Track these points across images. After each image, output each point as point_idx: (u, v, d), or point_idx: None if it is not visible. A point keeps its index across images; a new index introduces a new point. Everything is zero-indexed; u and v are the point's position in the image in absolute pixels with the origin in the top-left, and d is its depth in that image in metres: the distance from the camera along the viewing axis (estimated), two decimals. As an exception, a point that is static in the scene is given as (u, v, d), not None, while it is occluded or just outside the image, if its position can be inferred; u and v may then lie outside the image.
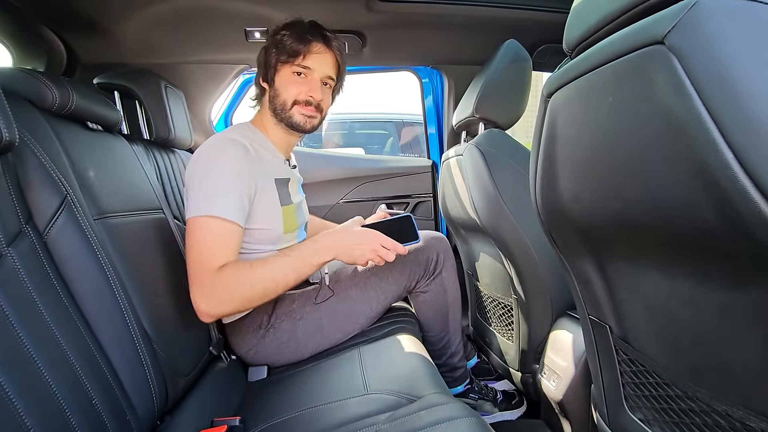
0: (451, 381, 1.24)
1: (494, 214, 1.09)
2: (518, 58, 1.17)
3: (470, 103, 1.20)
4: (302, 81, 0.97)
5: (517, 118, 1.21)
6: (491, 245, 1.21)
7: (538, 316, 1.09)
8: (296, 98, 0.97)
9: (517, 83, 1.18)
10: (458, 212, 1.33)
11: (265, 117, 1.03)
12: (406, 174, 1.89)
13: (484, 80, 1.15)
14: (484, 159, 1.09)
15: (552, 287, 1.06)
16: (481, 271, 1.39)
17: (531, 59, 1.19)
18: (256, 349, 1.02)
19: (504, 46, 1.18)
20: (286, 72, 0.97)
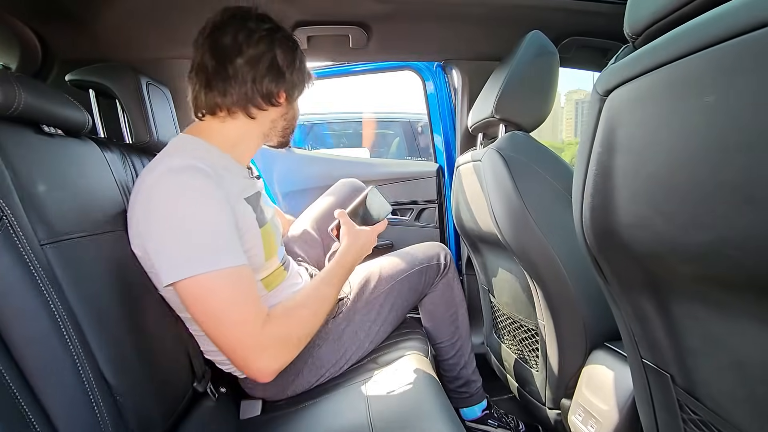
0: (468, 398, 1.16)
1: (518, 228, 0.95)
2: (544, 51, 1.04)
3: (489, 102, 1.06)
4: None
5: (542, 119, 1.07)
6: (513, 262, 1.07)
7: (570, 346, 0.95)
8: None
9: (544, 80, 1.04)
10: (474, 224, 1.19)
11: (239, 130, 0.83)
12: (410, 179, 1.78)
13: (505, 76, 1.02)
14: (507, 166, 0.95)
15: (587, 313, 0.92)
16: (498, 288, 1.25)
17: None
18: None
19: (528, 38, 1.04)
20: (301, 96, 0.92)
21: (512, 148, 0.98)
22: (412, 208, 1.84)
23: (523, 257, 0.97)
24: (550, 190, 0.95)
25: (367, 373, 0.96)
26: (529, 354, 1.12)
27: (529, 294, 1.04)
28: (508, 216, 0.96)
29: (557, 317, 0.95)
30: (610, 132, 0.50)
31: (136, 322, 0.70)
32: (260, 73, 0.79)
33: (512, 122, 1.05)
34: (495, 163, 0.98)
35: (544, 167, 0.96)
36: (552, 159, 0.99)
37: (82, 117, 0.77)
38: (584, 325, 0.93)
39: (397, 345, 1.05)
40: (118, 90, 0.98)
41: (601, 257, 0.60)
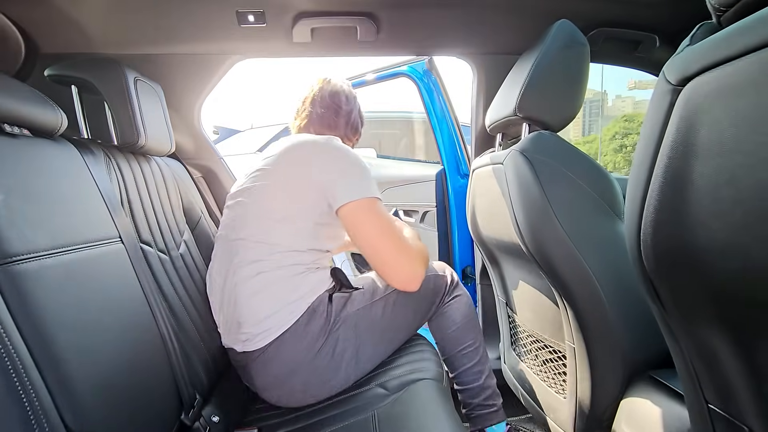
0: (492, 412, 1.06)
1: (546, 239, 0.85)
2: (574, 42, 0.93)
3: (511, 99, 0.96)
4: None
5: (571, 117, 0.96)
6: (538, 275, 0.97)
7: (605, 374, 0.84)
8: None
9: (574, 73, 0.93)
10: (493, 232, 1.09)
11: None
12: (414, 182, 1.74)
13: (530, 70, 0.91)
14: (533, 169, 0.85)
15: (626, 338, 0.82)
16: (519, 302, 1.14)
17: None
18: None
19: (555, 27, 0.93)
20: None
21: (539, 150, 0.88)
22: (418, 209, 1.78)
23: (550, 270, 0.86)
24: (583, 198, 0.84)
25: (377, 405, 0.85)
26: (555, 378, 1.02)
27: (555, 312, 0.94)
28: (534, 225, 0.85)
29: (590, 341, 0.85)
30: (688, 131, 0.40)
31: (112, 352, 0.61)
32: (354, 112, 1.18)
33: (537, 121, 0.94)
34: (519, 166, 0.87)
35: (576, 171, 0.85)
36: (586, 162, 0.88)
37: (54, 115, 0.67)
38: (622, 351, 0.82)
39: (407, 370, 0.95)
40: (102, 86, 0.89)
41: (661, 283, 0.50)
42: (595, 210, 0.84)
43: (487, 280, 1.37)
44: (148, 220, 0.90)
